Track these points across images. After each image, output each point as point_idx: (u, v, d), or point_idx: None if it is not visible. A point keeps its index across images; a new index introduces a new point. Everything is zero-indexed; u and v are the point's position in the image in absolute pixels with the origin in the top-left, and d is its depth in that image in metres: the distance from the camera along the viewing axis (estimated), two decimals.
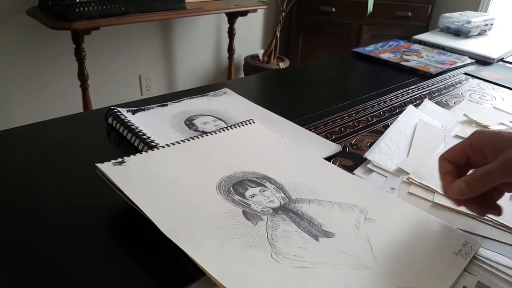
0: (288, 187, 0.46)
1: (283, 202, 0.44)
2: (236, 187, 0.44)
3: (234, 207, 0.41)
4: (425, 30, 2.26)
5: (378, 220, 0.43)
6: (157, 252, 0.38)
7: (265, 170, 0.48)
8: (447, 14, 1.33)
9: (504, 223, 0.47)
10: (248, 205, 0.42)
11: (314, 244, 0.39)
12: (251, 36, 2.51)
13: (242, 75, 2.48)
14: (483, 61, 1.11)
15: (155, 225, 0.37)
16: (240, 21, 2.19)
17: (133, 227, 0.41)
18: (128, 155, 0.45)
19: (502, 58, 1.15)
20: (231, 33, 2.18)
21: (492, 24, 1.36)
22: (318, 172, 0.51)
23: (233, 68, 2.28)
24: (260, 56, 2.33)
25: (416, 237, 0.43)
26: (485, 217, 0.47)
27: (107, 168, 0.42)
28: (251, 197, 0.43)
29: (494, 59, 1.10)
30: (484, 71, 1.03)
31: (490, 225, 0.47)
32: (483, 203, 0.43)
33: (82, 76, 1.52)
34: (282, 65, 2.31)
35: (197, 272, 0.35)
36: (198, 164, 0.47)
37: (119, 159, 0.44)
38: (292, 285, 0.34)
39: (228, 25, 2.17)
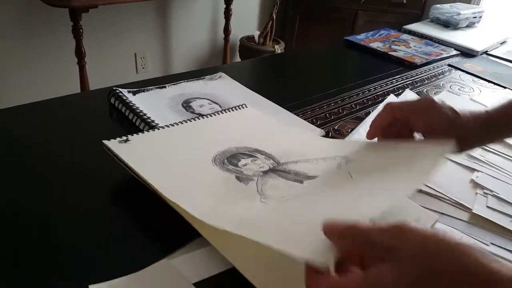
0: (277, 155, 0.52)
1: (272, 166, 0.50)
2: (230, 159, 0.50)
3: (228, 175, 0.47)
4: (419, 18, 2.30)
5: (358, 160, 0.49)
6: (158, 216, 0.44)
7: (256, 145, 0.54)
8: (438, 5, 1.37)
9: (458, 201, 0.53)
10: (241, 171, 0.48)
11: (299, 186, 0.45)
12: (247, 17, 2.53)
13: (238, 56, 2.51)
14: (467, 53, 1.16)
15: (156, 193, 0.43)
16: (236, 2, 2.22)
17: (136, 195, 0.47)
18: (131, 134, 0.51)
19: (487, 51, 1.20)
20: (227, 13, 2.21)
21: (481, 17, 1.40)
22: (304, 141, 0.57)
23: (228, 49, 2.31)
24: (256, 38, 2.37)
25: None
26: (442, 195, 0.54)
27: (114, 145, 0.48)
28: (244, 166, 0.49)
29: (478, 51, 1.15)
30: (467, 63, 1.09)
31: (446, 202, 0.53)
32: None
33: (80, 54, 1.56)
34: (277, 47, 2.35)
35: (193, 233, 0.41)
36: (195, 142, 0.53)
37: (124, 137, 0.49)
38: (279, 216, 0.40)
39: (224, 6, 2.20)
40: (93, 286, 0.35)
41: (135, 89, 0.67)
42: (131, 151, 0.48)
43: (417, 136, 0.51)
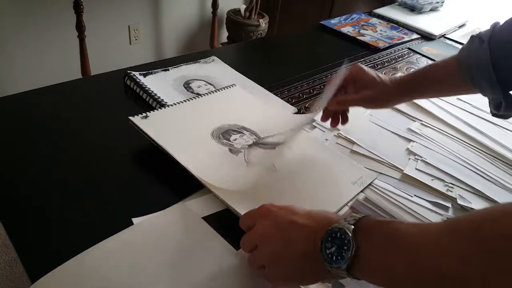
0: (258, 131, 0.70)
1: (255, 141, 0.67)
2: (224, 134, 0.67)
3: (223, 147, 0.65)
4: None
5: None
6: (173, 173, 0.61)
7: (243, 123, 0.71)
8: None
9: (393, 164, 0.72)
10: (232, 145, 0.66)
11: (273, 151, 0.64)
12: None
13: (225, 29, 2.62)
14: (427, 36, 1.32)
15: (169, 156, 0.60)
16: None
17: (152, 158, 0.63)
18: (148, 111, 0.67)
19: (445, 35, 1.36)
20: None
21: (443, 2, 1.56)
22: (279, 119, 0.74)
23: (216, 22, 2.43)
24: (242, 12, 2.48)
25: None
26: (381, 159, 0.72)
27: (137, 120, 0.64)
28: (234, 140, 0.67)
29: (436, 35, 1.32)
30: (425, 47, 1.25)
31: (384, 165, 0.71)
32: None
33: (80, 28, 1.67)
34: (262, 21, 2.47)
35: (197, 185, 0.59)
36: (197, 118, 0.70)
37: (144, 114, 0.65)
38: (255, 193, 0.58)
39: None
40: (135, 219, 0.52)
41: (145, 72, 0.83)
42: (150, 124, 0.64)
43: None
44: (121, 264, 0.46)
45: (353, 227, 0.37)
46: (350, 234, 0.37)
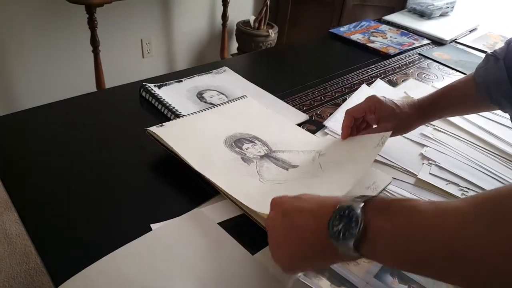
0: (270, 143, 0.70)
1: (266, 152, 0.68)
2: (236, 143, 0.68)
3: (235, 155, 0.66)
4: (404, 1, 2.44)
5: (327, 154, 0.68)
6: (189, 180, 0.62)
7: (255, 132, 0.72)
8: None
9: (407, 169, 0.72)
10: (245, 154, 0.66)
11: (285, 172, 0.64)
12: (243, 4, 2.68)
13: (234, 39, 2.66)
14: (438, 42, 1.32)
15: (185, 164, 0.61)
16: None
17: (168, 167, 0.65)
18: (164, 121, 0.68)
19: (455, 39, 1.36)
20: (225, 1, 2.35)
21: (453, 6, 1.56)
22: (290, 134, 0.75)
23: (226, 33, 2.47)
24: (252, 23, 2.51)
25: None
26: (395, 164, 0.72)
27: (154, 129, 0.66)
28: (246, 149, 0.67)
29: (447, 40, 1.32)
30: (436, 52, 1.25)
31: (398, 170, 0.72)
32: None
33: (94, 43, 1.71)
34: (271, 31, 2.49)
35: (212, 192, 0.60)
36: (210, 127, 0.71)
37: (160, 124, 0.67)
38: (272, 193, 0.59)
39: None
40: (154, 225, 0.53)
41: (159, 84, 0.85)
42: (166, 134, 0.66)
43: (374, 125, 0.71)
44: (140, 268, 0.47)
45: (362, 203, 0.37)
46: (358, 211, 0.36)
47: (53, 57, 1.99)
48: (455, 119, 0.88)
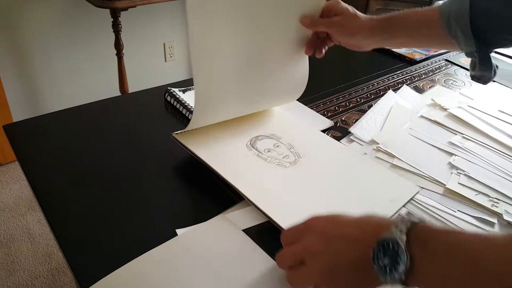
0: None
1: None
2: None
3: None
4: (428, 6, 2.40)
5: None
6: (210, 186, 0.62)
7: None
8: (440, 0, 1.50)
9: (435, 178, 0.70)
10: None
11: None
12: None
13: None
14: None
15: (209, 168, 0.61)
16: None
17: (193, 172, 0.65)
18: (186, 126, 0.68)
19: None
20: None
21: None
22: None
23: None
24: None
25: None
26: (423, 173, 0.70)
27: (178, 134, 0.66)
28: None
29: None
30: (463, 58, 1.22)
31: (426, 179, 0.70)
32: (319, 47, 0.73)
33: (118, 46, 1.74)
34: None
35: (237, 198, 0.59)
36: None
37: (185, 129, 0.67)
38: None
39: None
40: (179, 230, 0.53)
41: (184, 88, 0.85)
42: (191, 139, 0.66)
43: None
44: (166, 273, 0.47)
45: (405, 237, 0.36)
46: (403, 246, 0.35)
47: (77, 60, 2.03)
48: (484, 127, 0.85)
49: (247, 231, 0.54)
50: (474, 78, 0.64)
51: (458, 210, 0.65)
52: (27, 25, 1.84)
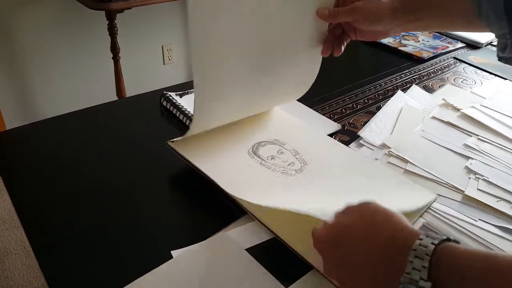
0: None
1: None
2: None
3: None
4: None
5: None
6: (208, 198, 0.57)
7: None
8: None
9: (453, 184, 0.65)
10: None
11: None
12: None
13: None
14: (472, 45, 1.24)
15: (208, 179, 0.56)
16: None
17: (190, 182, 0.59)
18: (185, 131, 0.63)
19: (491, 42, 1.28)
20: None
21: None
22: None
23: None
24: None
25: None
26: (439, 179, 0.65)
27: (174, 143, 0.61)
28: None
29: (482, 43, 1.24)
30: (472, 56, 1.18)
31: (443, 186, 0.65)
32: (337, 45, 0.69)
33: (114, 49, 1.69)
34: None
35: (239, 212, 0.54)
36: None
37: (181, 137, 0.62)
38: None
39: None
40: (175, 251, 0.48)
41: (181, 92, 0.80)
42: (188, 147, 0.60)
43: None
44: None
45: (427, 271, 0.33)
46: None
47: (73, 64, 1.98)
48: (501, 128, 0.80)
49: (251, 250, 0.49)
50: (502, 59, 0.59)
51: (479, 219, 0.60)
52: (20, 28, 1.79)
